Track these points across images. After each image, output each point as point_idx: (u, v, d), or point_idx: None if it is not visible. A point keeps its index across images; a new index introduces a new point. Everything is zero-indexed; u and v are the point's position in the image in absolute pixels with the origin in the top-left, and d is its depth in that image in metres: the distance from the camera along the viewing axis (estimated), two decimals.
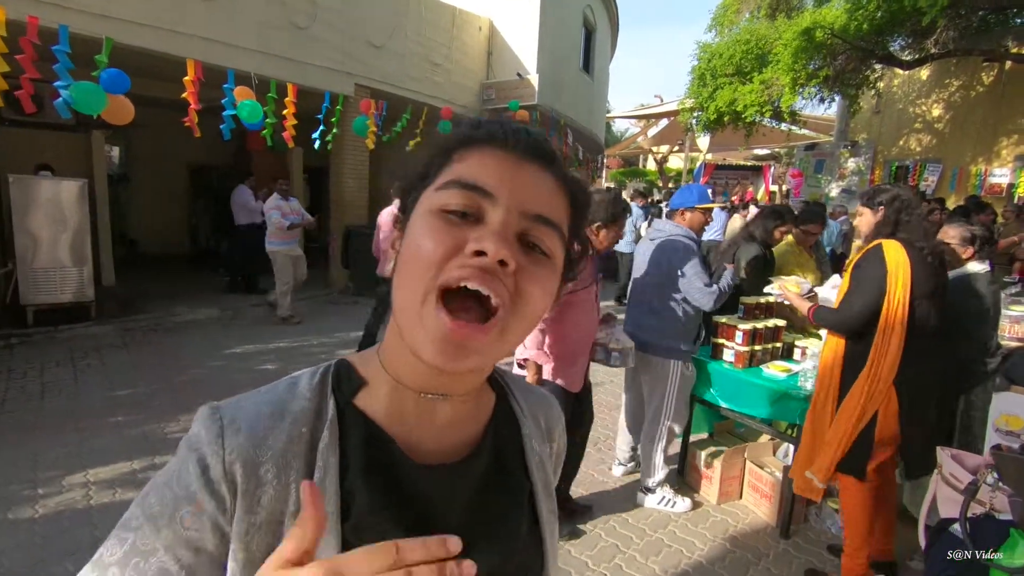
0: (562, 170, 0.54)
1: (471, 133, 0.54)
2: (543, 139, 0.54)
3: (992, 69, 11.05)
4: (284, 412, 0.51)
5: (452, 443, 0.56)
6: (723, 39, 11.74)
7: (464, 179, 0.49)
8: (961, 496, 1.50)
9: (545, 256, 0.50)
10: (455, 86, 9.71)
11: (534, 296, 0.48)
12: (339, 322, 6.75)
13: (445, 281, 0.46)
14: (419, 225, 0.49)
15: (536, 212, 0.49)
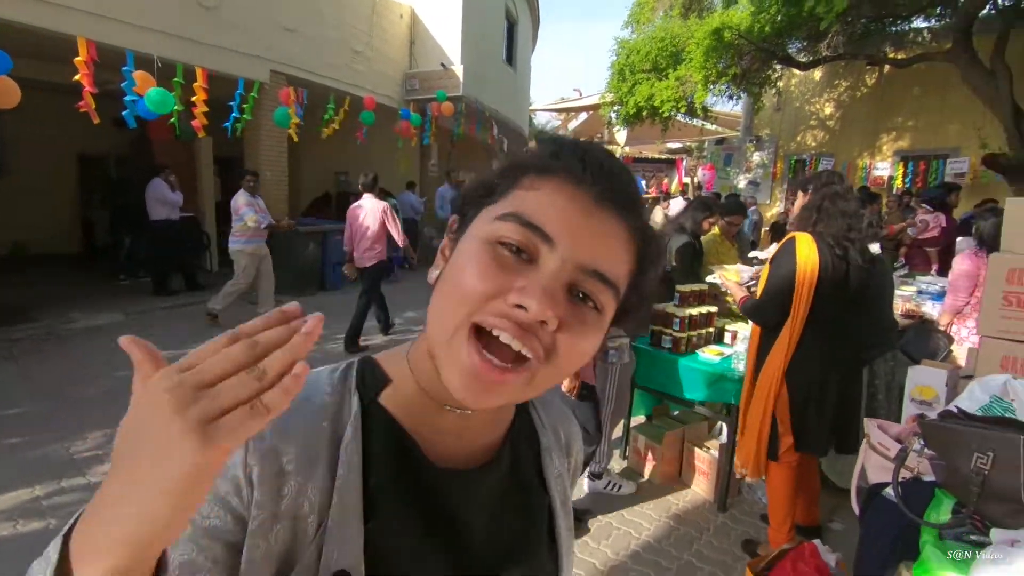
0: (639, 219, 0.49)
1: (549, 162, 0.48)
2: (627, 182, 0.49)
3: (874, 72, 12.21)
4: (305, 406, 0.50)
5: (471, 450, 0.55)
6: (640, 36, 12.16)
7: (527, 216, 0.45)
8: (889, 463, 1.65)
9: (595, 311, 0.47)
10: (377, 75, 9.42)
11: (573, 353, 0.46)
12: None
13: (480, 321, 0.44)
14: (469, 250, 0.47)
15: (595, 268, 0.46)
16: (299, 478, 0.47)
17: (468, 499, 0.53)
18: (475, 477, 0.54)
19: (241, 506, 0.46)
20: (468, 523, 0.53)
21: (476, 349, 0.44)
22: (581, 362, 0.48)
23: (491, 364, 0.43)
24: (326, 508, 0.47)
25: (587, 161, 0.48)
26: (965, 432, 1.33)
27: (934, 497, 1.42)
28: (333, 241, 8.04)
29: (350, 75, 8.83)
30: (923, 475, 1.51)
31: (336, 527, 0.46)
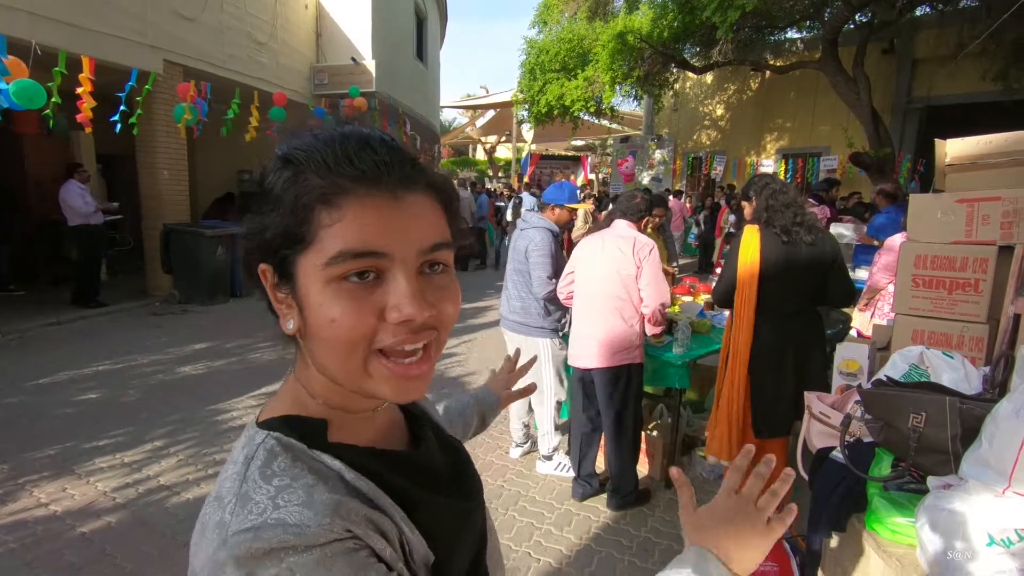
0: (428, 177, 0.53)
1: (331, 182, 0.48)
2: (399, 155, 0.51)
3: (757, 77, 13.38)
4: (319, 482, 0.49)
5: (402, 435, 0.66)
6: (547, 36, 12.48)
7: (353, 249, 0.47)
8: (831, 429, 1.88)
9: (444, 271, 0.53)
10: (283, 68, 8.95)
11: (451, 316, 0.53)
12: (168, 336, 5.89)
13: (381, 348, 0.49)
14: (326, 302, 0.48)
15: (429, 245, 0.50)
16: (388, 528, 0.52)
17: (439, 462, 0.66)
18: (429, 448, 0.66)
19: None
20: (445, 476, 0.65)
21: (391, 363, 0.50)
22: (457, 311, 0.55)
23: (409, 366, 0.50)
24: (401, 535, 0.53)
25: (362, 163, 0.48)
26: (901, 397, 1.55)
27: (875, 456, 1.65)
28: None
29: (255, 68, 8.32)
30: (863, 437, 1.74)
31: (410, 538, 0.54)
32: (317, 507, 0.46)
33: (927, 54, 11.29)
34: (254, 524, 0.45)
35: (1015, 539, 1.24)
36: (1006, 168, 1.81)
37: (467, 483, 0.69)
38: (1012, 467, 1.26)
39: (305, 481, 0.48)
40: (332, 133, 0.52)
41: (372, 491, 0.52)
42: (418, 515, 0.55)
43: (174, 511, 2.77)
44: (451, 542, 0.59)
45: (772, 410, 2.53)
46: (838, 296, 2.53)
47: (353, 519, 0.47)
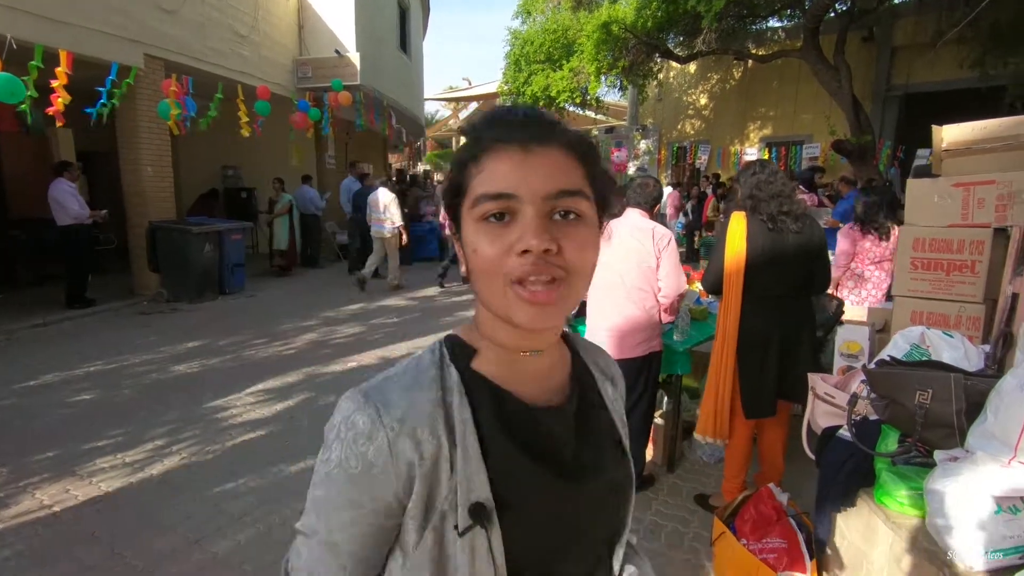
0: (564, 135, 0.61)
1: (477, 146, 0.60)
2: (537, 118, 0.61)
3: (740, 67, 13.49)
4: (419, 384, 0.62)
5: (549, 390, 0.69)
6: (532, 27, 12.43)
7: (488, 192, 0.57)
8: (836, 409, 1.94)
9: (578, 217, 0.59)
10: (266, 62, 8.82)
11: (583, 258, 0.58)
12: (158, 335, 5.82)
13: (513, 278, 0.57)
14: (473, 237, 0.59)
15: (556, 190, 0.57)
16: (431, 441, 0.59)
17: (559, 427, 0.66)
18: (560, 410, 0.67)
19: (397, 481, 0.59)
20: (563, 445, 0.66)
21: (522, 289, 0.56)
22: (593, 260, 0.60)
23: (536, 291, 0.56)
24: (453, 458, 0.59)
25: (500, 127, 0.60)
26: (907, 375, 1.61)
27: (881, 432, 1.71)
28: (230, 241, 7.49)
29: (237, 62, 8.18)
30: (869, 415, 1.80)
31: (464, 470, 0.59)
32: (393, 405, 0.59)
33: (906, 42, 11.47)
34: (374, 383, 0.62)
35: (1021, 507, 1.30)
36: (1000, 152, 1.87)
37: (581, 472, 0.66)
38: (1017, 438, 1.32)
39: (417, 380, 0.62)
40: (494, 108, 0.65)
41: (459, 413, 0.61)
42: (491, 460, 0.60)
43: (183, 508, 2.76)
44: (522, 506, 0.61)
45: (759, 392, 2.58)
46: (822, 284, 2.57)
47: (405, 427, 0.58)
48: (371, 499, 0.59)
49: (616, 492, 0.71)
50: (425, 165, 24.87)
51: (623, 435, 0.76)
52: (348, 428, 0.59)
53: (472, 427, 0.60)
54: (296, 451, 3.34)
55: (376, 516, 0.60)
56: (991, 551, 1.28)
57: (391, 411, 0.59)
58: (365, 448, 0.58)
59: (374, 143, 13.90)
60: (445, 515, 0.59)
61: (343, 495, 0.60)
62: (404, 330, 6.12)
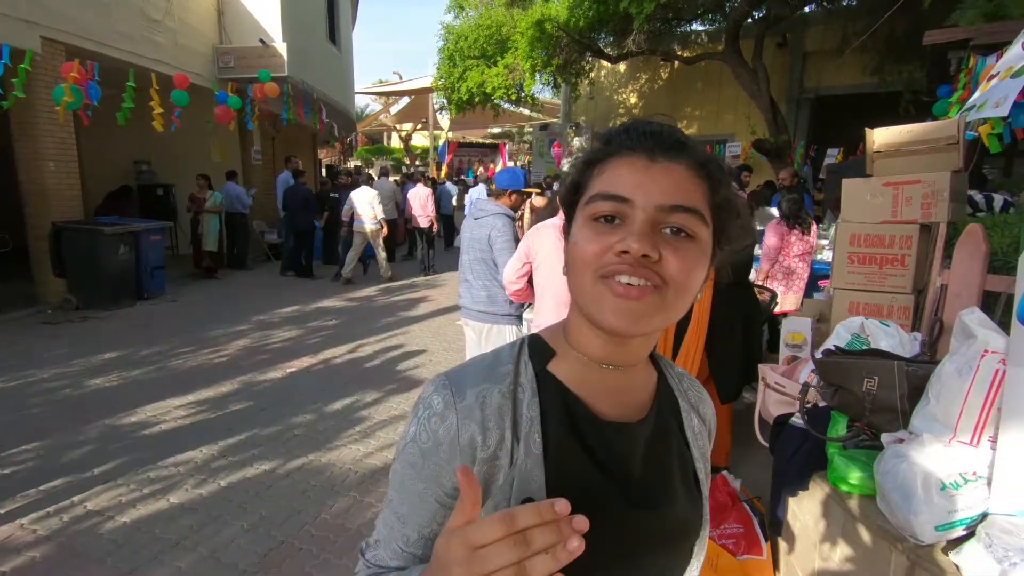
0: (694, 155, 0.60)
1: (606, 149, 0.61)
2: (670, 133, 0.60)
3: (667, 68, 13.98)
4: (494, 376, 0.63)
5: (625, 407, 0.66)
6: (465, 22, 12.32)
7: (605, 191, 0.58)
8: (786, 397, 2.04)
9: (689, 237, 0.57)
10: (182, 49, 8.22)
11: (683, 274, 0.56)
12: (69, 347, 5.31)
13: (605, 272, 0.56)
14: (578, 232, 0.60)
15: (671, 204, 0.56)
16: (496, 431, 0.60)
17: (626, 446, 0.64)
18: (632, 429, 0.65)
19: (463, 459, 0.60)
20: (627, 465, 0.64)
21: (613, 283, 0.55)
22: (695, 282, 0.58)
23: (628, 288, 0.55)
24: (514, 452, 0.60)
25: (631, 134, 0.60)
26: (854, 364, 1.72)
27: (831, 419, 1.82)
28: (148, 242, 6.95)
29: (150, 48, 7.58)
30: (818, 403, 1.90)
31: (523, 465, 0.59)
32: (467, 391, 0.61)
33: (815, 48, 12.29)
34: (454, 370, 0.65)
35: (960, 482, 1.41)
36: (924, 154, 2.02)
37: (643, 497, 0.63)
38: (956, 420, 1.44)
39: (492, 372, 0.63)
40: (633, 119, 0.64)
41: (528, 410, 0.62)
42: (551, 461, 0.60)
43: (111, 537, 2.53)
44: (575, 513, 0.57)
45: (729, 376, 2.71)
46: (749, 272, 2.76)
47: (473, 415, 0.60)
48: (436, 475, 0.60)
49: (683, 532, 0.68)
50: (356, 161, 24.17)
51: (701, 473, 0.72)
52: (425, 407, 0.62)
53: (538, 425, 0.61)
54: (237, 464, 3.14)
55: (440, 493, 0.61)
56: (938, 526, 1.38)
57: (464, 396, 0.61)
58: (437, 427, 0.60)
59: (303, 138, 13.33)
60: (498, 506, 0.59)
61: (413, 469, 0.62)
62: (345, 331, 5.92)
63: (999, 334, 1.38)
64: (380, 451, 3.36)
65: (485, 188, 9.01)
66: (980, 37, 4.86)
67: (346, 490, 2.94)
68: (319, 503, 2.81)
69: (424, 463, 0.61)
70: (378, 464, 3.20)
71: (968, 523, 1.38)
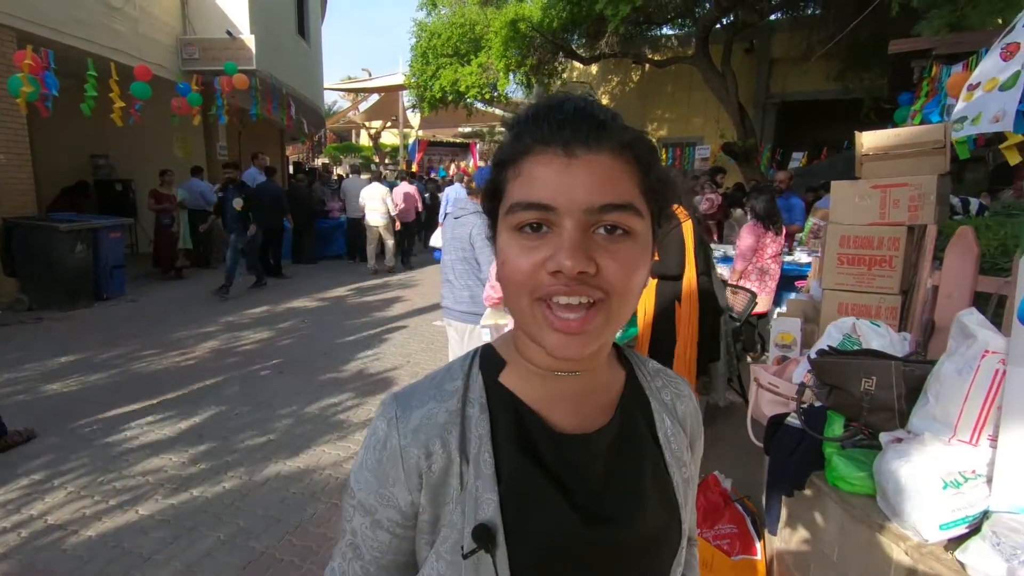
0: (617, 135, 0.52)
1: (517, 146, 0.54)
2: (586, 115, 0.52)
3: (638, 71, 14.16)
4: (442, 391, 0.60)
5: (585, 415, 0.61)
6: (438, 19, 12.21)
7: (523, 199, 0.51)
8: (780, 398, 2.05)
9: (626, 235, 0.51)
10: (144, 39, 7.89)
11: (626, 279, 0.51)
12: (21, 350, 5.02)
13: (541, 295, 0.51)
14: (505, 247, 0.54)
15: (600, 204, 0.49)
16: (442, 454, 0.56)
17: (586, 458, 0.59)
18: (592, 440, 0.60)
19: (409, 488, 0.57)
20: (588, 479, 0.59)
21: (550, 313, 0.51)
22: (639, 283, 0.53)
23: (567, 322, 0.50)
24: (464, 475, 0.56)
25: (543, 126, 0.52)
26: (851, 364, 1.73)
27: (827, 419, 1.83)
28: (108, 240, 6.64)
29: (109, 36, 7.23)
30: (813, 403, 1.92)
31: (474, 489, 0.55)
32: (414, 410, 0.58)
33: (782, 55, 12.62)
34: (406, 388, 0.62)
35: (961, 480, 1.43)
36: (911, 158, 2.06)
37: (605, 513, 0.58)
38: (957, 419, 1.45)
39: (440, 390, 0.60)
40: (543, 99, 0.56)
41: (477, 427, 0.57)
42: (504, 481, 0.56)
43: (76, 553, 2.37)
44: (532, 538, 0.55)
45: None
46: None
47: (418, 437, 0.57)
48: (385, 503, 0.58)
49: (655, 544, 0.61)
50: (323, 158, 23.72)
51: (676, 479, 0.64)
52: (372, 432, 0.60)
53: (488, 443, 0.57)
54: (210, 472, 3.01)
55: (391, 523, 0.58)
56: (942, 524, 1.40)
57: (407, 419, 0.58)
58: (380, 453, 0.58)
59: (270, 134, 12.97)
60: (448, 536, 0.55)
61: (363, 498, 0.59)
62: (318, 333, 5.77)
63: (998, 335, 1.40)
64: None
65: (461, 187, 8.94)
66: (942, 47, 5.05)
67: (327, 496, 2.84)
68: (299, 511, 2.71)
69: (371, 492, 0.58)
70: None
71: (970, 521, 1.39)
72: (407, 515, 0.58)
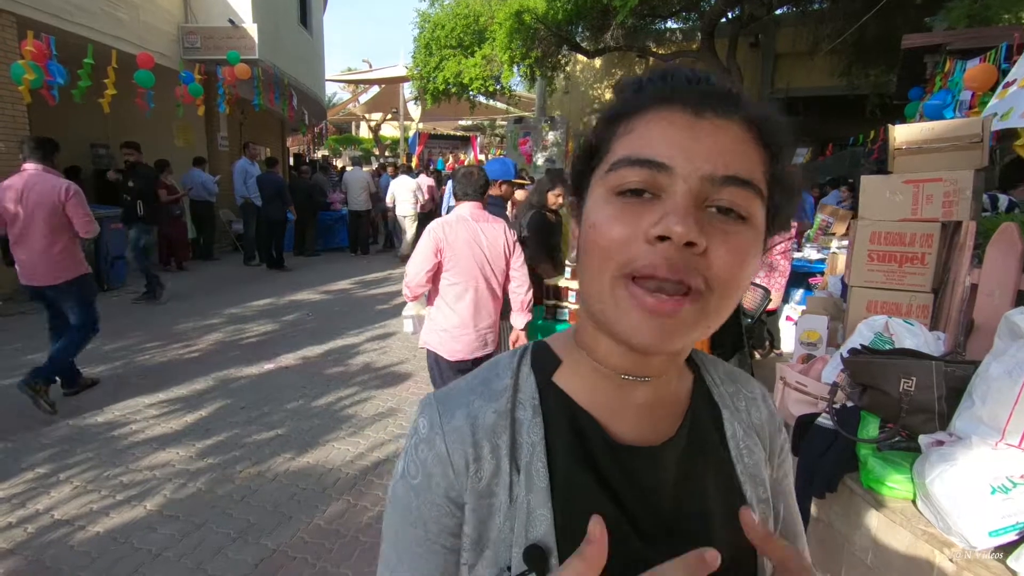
0: (748, 110, 0.47)
1: (635, 99, 0.48)
2: (716, 81, 0.48)
3: (642, 64, 14.05)
4: (489, 389, 0.53)
5: (650, 425, 0.54)
6: (442, 11, 12.09)
7: (634, 155, 0.44)
8: (807, 397, 2.01)
9: (741, 219, 0.44)
10: (146, 27, 7.77)
11: (734, 269, 0.44)
12: (21, 341, 4.96)
13: (633, 270, 0.43)
14: (596, 210, 0.46)
15: (722, 174, 0.43)
16: (491, 458, 0.50)
17: (653, 474, 0.52)
18: (656, 453, 0.52)
19: (455, 493, 0.51)
20: (652, 497, 0.52)
21: (638, 289, 0.43)
22: (746, 281, 0.45)
23: (660, 299, 0.42)
24: (514, 486, 0.49)
25: (670, 82, 0.48)
26: (889, 364, 1.68)
27: (861, 419, 1.78)
28: (108, 230, 6.55)
29: (111, 24, 7.12)
30: (846, 403, 1.87)
31: (525, 503, 0.49)
32: (458, 408, 0.53)
33: (787, 50, 12.54)
34: (446, 387, 0.56)
35: (1010, 485, 1.38)
36: (947, 152, 2.01)
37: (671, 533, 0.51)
38: (1006, 422, 1.41)
39: (487, 388, 0.54)
40: (663, 65, 0.46)
41: (529, 433, 0.51)
42: (559, 496, 0.49)
43: (84, 549, 2.32)
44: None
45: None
46: None
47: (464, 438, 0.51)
48: (435, 514, 0.51)
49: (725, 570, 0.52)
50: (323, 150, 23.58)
51: (750, 496, 0.57)
52: (412, 434, 0.54)
53: (542, 451, 0.50)
54: (218, 467, 2.96)
55: (445, 536, 0.51)
56: (991, 531, 1.35)
57: (451, 417, 0.52)
58: (425, 455, 0.52)
59: (271, 124, 12.85)
60: (498, 555, 0.48)
61: (407, 513, 0.52)
62: (323, 326, 5.71)
63: None
64: (371, 451, 3.22)
65: None
66: (956, 42, 4.99)
67: (338, 493, 2.79)
68: (311, 508, 2.66)
69: (418, 502, 0.51)
70: (369, 464, 3.07)
71: (1020, 528, 1.35)
72: (455, 526, 0.51)
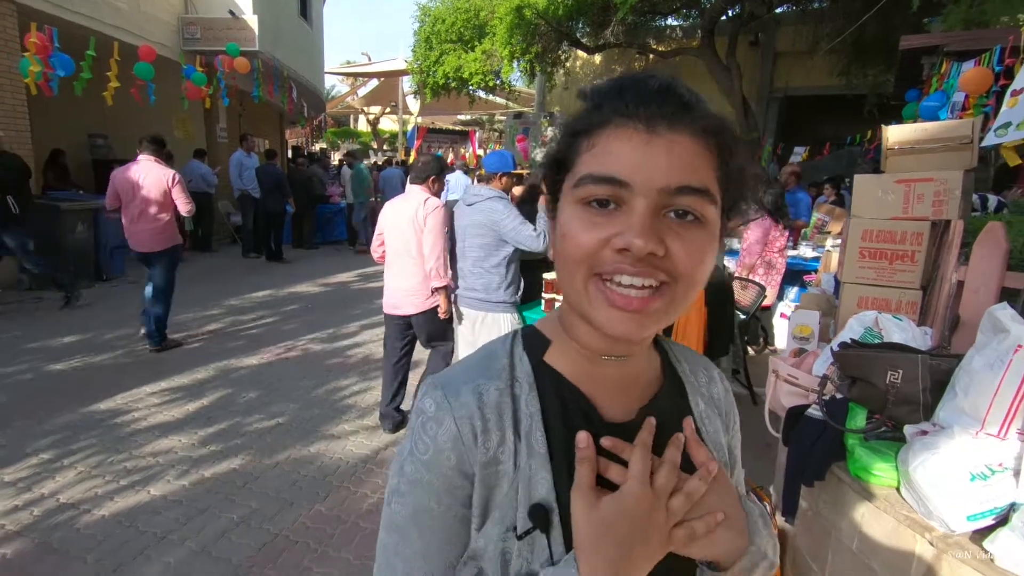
0: (701, 119, 0.52)
1: (595, 117, 0.53)
2: (671, 94, 0.52)
3: (642, 61, 14.06)
4: (489, 371, 0.59)
5: (628, 399, 0.61)
6: (442, 4, 12.07)
7: (596, 173, 0.50)
8: (799, 389, 2.06)
9: (697, 221, 0.50)
10: (146, 17, 7.77)
11: (693, 265, 0.50)
12: (22, 329, 4.97)
13: (601, 272, 0.50)
14: (567, 220, 0.53)
15: (676, 185, 0.49)
16: (497, 430, 0.55)
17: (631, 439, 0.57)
18: (636, 427, 0.58)
19: (466, 464, 0.55)
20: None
21: (606, 288, 0.50)
22: (706, 272, 0.52)
23: (628, 299, 0.49)
24: (517, 453, 0.55)
25: (627, 97, 0.52)
26: (877, 357, 1.74)
27: (849, 410, 1.84)
28: (107, 220, 6.57)
29: (110, 14, 7.11)
30: (835, 394, 1.93)
31: (528, 467, 0.55)
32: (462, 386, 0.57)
33: (786, 48, 12.57)
34: (444, 371, 0.61)
35: (988, 473, 1.44)
36: (938, 152, 2.06)
37: None
38: (985, 413, 1.47)
39: (486, 368, 0.59)
40: (627, 74, 0.56)
41: (527, 406, 0.57)
42: (556, 460, 0.55)
43: (90, 532, 2.37)
44: None
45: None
46: None
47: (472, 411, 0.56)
48: (447, 486, 0.55)
49: None
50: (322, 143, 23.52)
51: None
52: (418, 415, 0.58)
53: (539, 421, 0.56)
54: (220, 454, 3.01)
55: (457, 507, 0.56)
56: (969, 516, 1.41)
57: (459, 393, 0.56)
58: (434, 431, 0.55)
59: (270, 117, 12.84)
60: (504, 518, 0.54)
61: (419, 489, 0.56)
62: (323, 317, 5.75)
63: None
64: (370, 440, 3.27)
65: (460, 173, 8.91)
66: (953, 44, 5.04)
67: (339, 480, 2.85)
68: (311, 494, 2.72)
69: (430, 476, 0.55)
70: (369, 453, 3.12)
71: (997, 513, 1.41)
72: (466, 497, 0.55)
